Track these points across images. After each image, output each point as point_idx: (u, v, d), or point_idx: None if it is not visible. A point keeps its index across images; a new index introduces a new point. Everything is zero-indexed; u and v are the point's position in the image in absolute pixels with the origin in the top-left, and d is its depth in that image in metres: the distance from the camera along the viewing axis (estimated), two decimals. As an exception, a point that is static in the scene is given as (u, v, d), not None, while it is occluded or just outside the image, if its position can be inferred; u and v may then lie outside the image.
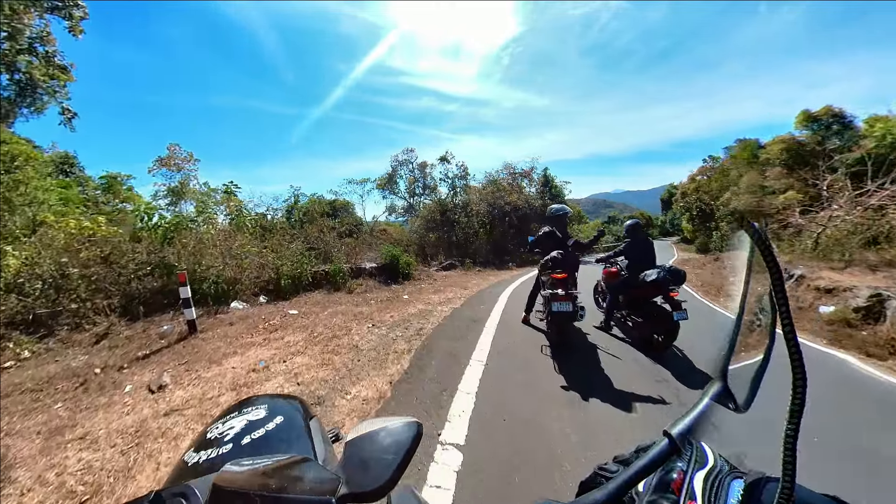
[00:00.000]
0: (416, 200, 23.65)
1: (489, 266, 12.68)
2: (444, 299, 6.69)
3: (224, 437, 0.80)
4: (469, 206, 14.69)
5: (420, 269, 9.95)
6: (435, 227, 14.74)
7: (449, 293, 7.30)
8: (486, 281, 9.42)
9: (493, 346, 3.88)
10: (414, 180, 22.66)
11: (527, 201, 16.01)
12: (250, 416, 0.87)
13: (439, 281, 9.19)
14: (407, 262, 9.06)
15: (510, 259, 14.41)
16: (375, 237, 19.31)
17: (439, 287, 8.15)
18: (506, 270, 12.25)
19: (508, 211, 15.21)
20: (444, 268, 11.16)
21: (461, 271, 11.25)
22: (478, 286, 8.44)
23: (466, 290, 7.87)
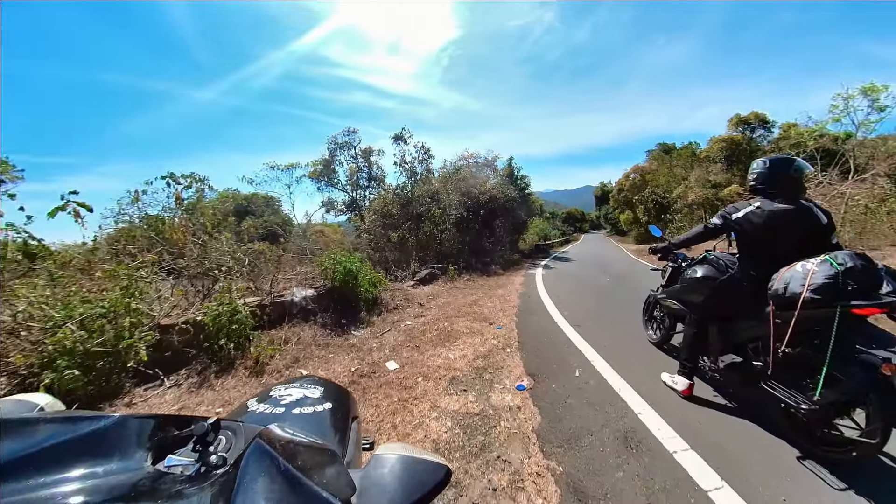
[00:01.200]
0: (359, 194, 19.38)
1: (473, 272, 9.44)
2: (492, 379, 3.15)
3: (281, 400, 0.90)
4: (439, 196, 11.22)
5: (390, 288, 6.28)
6: (394, 223, 11.01)
7: (474, 343, 3.86)
8: (499, 295, 6.21)
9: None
10: (357, 169, 18.35)
11: (502, 192, 13.13)
12: (307, 392, 0.95)
13: (428, 305, 5.68)
14: (372, 280, 5.36)
15: (490, 261, 11.37)
16: (311, 242, 14.73)
17: (439, 323, 4.64)
18: (497, 276, 9.17)
19: (484, 202, 12.14)
20: (422, 280, 7.62)
21: (445, 283, 7.82)
22: (503, 311, 5.17)
23: (493, 323, 4.56)
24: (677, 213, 19.14)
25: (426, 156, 11.95)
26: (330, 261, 4.99)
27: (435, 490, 0.48)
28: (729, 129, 20.56)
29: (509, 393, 2.75)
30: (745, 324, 2.21)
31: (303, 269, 5.42)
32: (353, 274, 4.92)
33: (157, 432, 0.59)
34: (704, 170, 19.54)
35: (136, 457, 0.53)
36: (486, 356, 3.53)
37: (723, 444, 2.00)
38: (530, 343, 3.91)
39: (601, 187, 52.78)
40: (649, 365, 3.04)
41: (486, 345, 3.84)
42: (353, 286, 4.89)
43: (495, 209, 12.91)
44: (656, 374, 2.81)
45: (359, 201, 19.51)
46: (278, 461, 0.42)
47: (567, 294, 6.70)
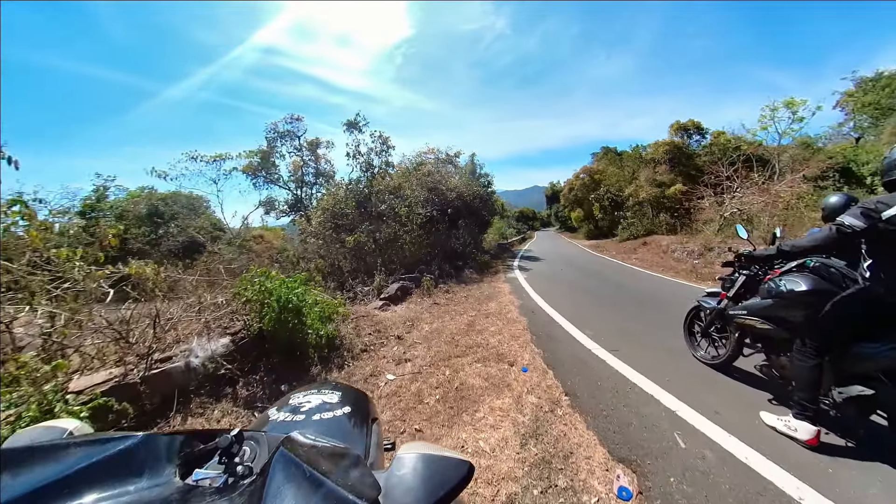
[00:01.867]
0: (305, 192, 16.82)
1: (448, 280, 8.01)
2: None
3: (301, 407, 0.92)
4: (402, 192, 9.59)
5: (351, 314, 4.60)
6: (348, 225, 9.17)
7: (504, 407, 2.39)
8: (495, 312, 4.76)
9: None
10: (302, 163, 15.85)
11: (470, 189, 11.90)
12: (325, 398, 0.97)
13: (410, 339, 4.11)
14: (325, 311, 3.70)
15: (463, 265, 10.06)
16: (246, 250, 12.08)
17: (437, 373, 3.08)
18: (477, 284, 7.81)
19: (452, 200, 10.77)
20: (392, 298, 5.99)
21: (422, 298, 6.26)
22: (514, 338, 3.67)
23: (513, 363, 3.05)
24: (628, 211, 19.97)
25: (385, 146, 10.22)
26: (254, 289, 3.19)
27: (459, 486, 0.48)
28: (670, 134, 21.96)
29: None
30: (887, 350, 1.80)
31: (219, 298, 3.51)
32: (295, 307, 3.20)
33: (184, 448, 0.59)
34: (652, 170, 20.46)
35: (164, 473, 0.53)
36: (536, 432, 2.19)
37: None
38: (581, 392, 2.70)
39: (551, 187, 55.13)
40: (736, 399, 2.54)
41: (523, 407, 2.47)
42: (295, 327, 3.16)
43: (461, 207, 11.65)
44: (752, 412, 2.31)
45: (304, 200, 16.91)
46: (303, 467, 0.43)
47: (569, 303, 5.75)
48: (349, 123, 10.32)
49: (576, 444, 2.11)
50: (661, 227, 17.29)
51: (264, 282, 3.20)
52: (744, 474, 1.80)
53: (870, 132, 17.05)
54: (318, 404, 0.93)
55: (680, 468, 1.85)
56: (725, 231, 12.68)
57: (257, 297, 3.15)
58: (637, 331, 4.18)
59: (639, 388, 2.74)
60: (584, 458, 1.98)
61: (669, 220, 17.32)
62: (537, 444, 2.09)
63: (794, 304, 2.17)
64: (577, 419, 2.35)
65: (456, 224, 11.59)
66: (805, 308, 2.11)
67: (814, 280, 2.14)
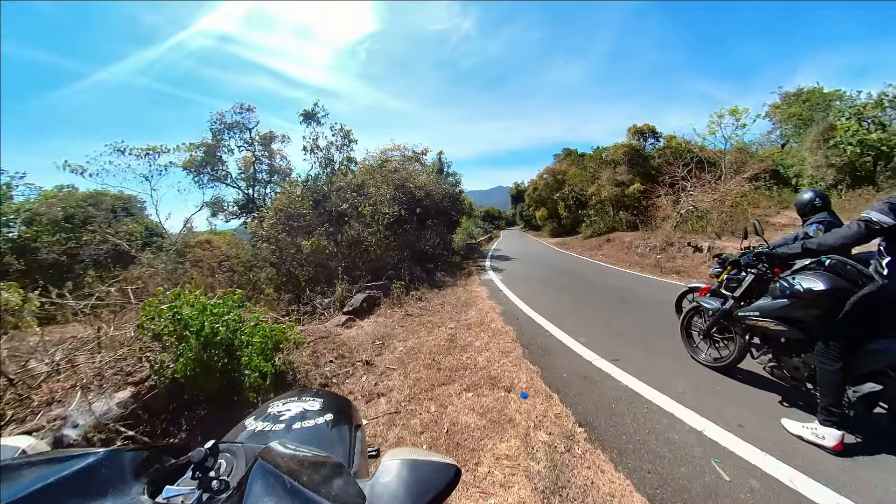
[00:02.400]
0: (258, 191, 15.28)
1: (420, 284, 7.41)
2: None
3: (280, 416, 0.86)
4: (366, 191, 8.82)
5: (307, 337, 3.89)
6: (305, 226, 8.26)
7: (511, 455, 1.85)
8: (476, 322, 4.23)
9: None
10: (253, 159, 14.34)
11: (438, 187, 11.38)
12: (306, 405, 0.91)
13: (381, 364, 3.45)
14: (270, 342, 2.96)
15: (435, 267, 9.52)
16: (183, 259, 10.52)
17: (420, 411, 2.48)
18: (451, 288, 7.29)
19: (421, 198, 10.18)
20: (357, 311, 5.28)
21: (392, 309, 5.61)
22: (505, 354, 3.13)
23: (510, 388, 2.51)
24: (591, 209, 20.70)
25: (346, 141, 9.38)
26: (164, 318, 2.37)
27: (445, 491, 0.47)
28: (628, 137, 23.13)
29: None
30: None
31: (129, 330, 2.65)
32: (224, 341, 2.45)
33: (153, 463, 0.56)
34: (612, 170, 21.33)
35: (132, 491, 0.50)
36: (557, 484, 1.76)
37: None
38: (597, 420, 2.30)
39: (516, 187, 56.33)
40: (751, 406, 2.39)
41: (534, 450, 1.98)
42: (226, 367, 2.42)
43: (430, 207, 11.12)
44: (772, 419, 2.19)
45: (257, 200, 15.34)
46: (283, 479, 0.41)
47: (552, 305, 5.45)
48: (306, 114, 9.37)
49: (608, 494, 1.68)
50: (623, 225, 18.00)
51: (179, 307, 2.40)
52: (795, 502, 1.60)
53: (794, 139, 19.03)
54: (298, 412, 0.89)
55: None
56: (682, 227, 13.44)
57: (170, 330, 2.35)
58: (629, 333, 3.99)
59: (656, 406, 2.42)
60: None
61: (630, 217, 18.09)
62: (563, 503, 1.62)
63: (812, 303, 2.07)
64: (601, 459, 1.92)
65: (425, 224, 11.04)
66: (823, 308, 2.02)
67: (831, 279, 2.04)
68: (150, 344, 2.54)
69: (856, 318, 1.88)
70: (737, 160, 16.60)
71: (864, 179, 13.82)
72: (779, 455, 1.88)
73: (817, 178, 14.96)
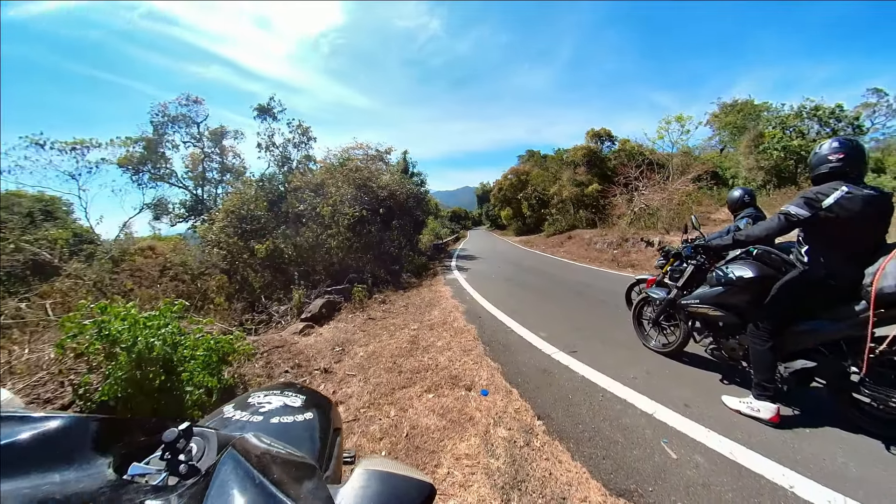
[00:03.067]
0: (208, 192, 14.21)
1: (384, 287, 7.25)
2: None
3: (260, 408, 0.84)
4: (325, 191, 8.49)
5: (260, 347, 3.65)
6: (259, 229, 7.81)
7: (471, 453, 1.84)
8: (439, 321, 4.20)
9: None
10: (202, 156, 13.31)
11: (403, 187, 11.24)
12: (288, 401, 0.89)
13: (340, 370, 3.31)
14: (215, 356, 2.72)
15: (400, 269, 9.37)
16: (125, 270, 9.47)
17: (381, 416, 2.40)
18: (416, 289, 7.19)
19: (384, 198, 9.98)
20: (316, 317, 5.06)
21: (354, 313, 5.43)
22: (466, 352, 3.12)
23: (470, 387, 2.50)
24: (553, 208, 21.56)
25: (305, 138, 8.98)
26: (89, 335, 2.09)
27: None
28: (587, 140, 24.40)
29: None
30: (827, 326, 2.00)
31: (48, 350, 2.31)
32: (161, 357, 2.22)
33: (123, 437, 0.54)
34: (572, 171, 22.33)
35: (96, 463, 0.48)
36: (516, 479, 1.77)
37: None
38: (555, 411, 2.34)
39: (482, 187, 57.24)
40: (696, 386, 2.59)
41: (494, 447, 1.97)
42: (164, 385, 2.18)
43: (394, 207, 10.95)
44: (714, 397, 2.38)
45: (207, 201, 14.23)
46: (252, 473, 0.40)
47: (514, 301, 5.56)
48: (261, 109, 8.83)
49: (565, 484, 1.70)
50: (582, 222, 18.87)
51: (106, 321, 2.13)
52: (737, 474, 1.72)
53: (730, 145, 21.06)
54: (278, 406, 0.86)
55: (681, 487, 1.65)
56: (636, 224, 14.36)
57: (95, 348, 2.09)
58: (586, 325, 4.15)
59: (610, 394, 2.52)
60: (581, 502, 1.61)
61: (589, 215, 19.00)
62: (522, 498, 1.62)
63: (743, 290, 2.28)
64: (558, 449, 1.95)
65: (389, 225, 10.84)
66: (753, 293, 2.23)
67: (759, 267, 2.26)
68: (75, 365, 2.25)
69: (781, 302, 2.08)
70: (682, 163, 18.04)
71: (787, 180, 15.57)
72: (720, 430, 2.02)
73: (750, 179, 16.61)
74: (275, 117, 8.68)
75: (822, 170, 1.94)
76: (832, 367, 1.99)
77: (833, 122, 16.12)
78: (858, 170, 1.90)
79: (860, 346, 1.84)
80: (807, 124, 16.30)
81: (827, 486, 1.60)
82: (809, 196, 1.88)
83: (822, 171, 1.94)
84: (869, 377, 1.87)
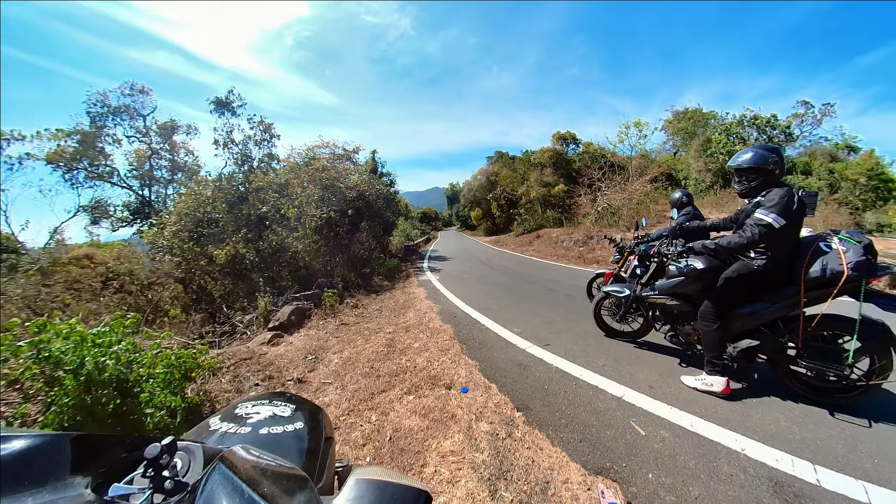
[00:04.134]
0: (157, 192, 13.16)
1: (356, 291, 7.14)
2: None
3: (248, 418, 0.82)
4: (290, 191, 8.20)
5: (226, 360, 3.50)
6: (217, 233, 7.39)
7: (457, 450, 1.92)
8: (414, 323, 4.21)
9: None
10: (149, 153, 12.31)
11: (372, 188, 11.09)
12: (277, 410, 0.88)
13: (315, 379, 3.26)
14: (177, 373, 2.57)
15: (371, 272, 9.25)
16: (58, 282, 8.54)
17: (362, 422, 2.41)
18: (389, 291, 7.14)
19: (353, 199, 9.79)
20: (285, 325, 4.89)
21: (325, 319, 5.31)
22: (443, 352, 3.19)
23: (450, 385, 2.58)
24: (522, 208, 22.28)
25: (267, 135, 8.60)
26: (24, 360, 1.91)
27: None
28: (553, 142, 25.40)
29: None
30: (766, 308, 2.26)
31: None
32: (115, 378, 2.07)
33: (102, 455, 0.51)
34: (539, 172, 23.15)
35: (73, 483, 0.45)
36: (501, 469, 1.85)
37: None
38: (533, 402, 2.48)
39: (452, 188, 57.58)
40: (658, 369, 2.87)
41: (477, 441, 2.05)
42: (121, 409, 2.04)
43: (363, 208, 10.77)
44: (674, 378, 2.67)
45: (155, 203, 13.16)
46: (241, 487, 0.39)
47: (488, 300, 5.74)
48: (219, 102, 8.33)
49: (547, 468, 1.81)
50: (550, 222, 19.61)
51: (45, 341, 1.94)
52: (697, 443, 1.93)
53: (682, 149, 22.87)
54: (267, 416, 0.84)
55: (651, 460, 1.84)
56: (600, 223, 15.19)
57: (32, 373, 1.91)
58: (557, 319, 4.38)
59: (583, 382, 2.71)
60: (563, 483, 1.71)
61: (556, 215, 19.81)
62: (509, 487, 1.70)
63: (696, 280, 2.59)
64: (539, 437, 2.06)
65: (358, 227, 10.65)
66: (704, 283, 2.55)
67: (709, 259, 2.57)
68: (5, 395, 2.03)
69: (728, 290, 2.37)
70: (640, 165, 19.32)
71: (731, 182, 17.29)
72: (681, 406, 2.27)
73: (700, 180, 18.09)
74: (234, 112, 8.24)
75: (766, 178, 2.19)
76: (772, 344, 2.30)
77: (769, 130, 18.06)
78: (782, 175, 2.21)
79: (795, 325, 2.15)
80: (747, 131, 18.14)
81: (774, 447, 1.85)
82: (782, 205, 2.06)
83: (763, 179, 2.19)
84: (803, 351, 2.18)
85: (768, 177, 2.19)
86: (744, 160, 2.23)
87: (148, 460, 0.47)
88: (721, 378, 2.35)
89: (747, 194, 2.29)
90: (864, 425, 2.00)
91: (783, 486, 1.61)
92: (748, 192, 2.28)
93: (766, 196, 2.16)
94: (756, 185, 2.23)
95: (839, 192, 16.09)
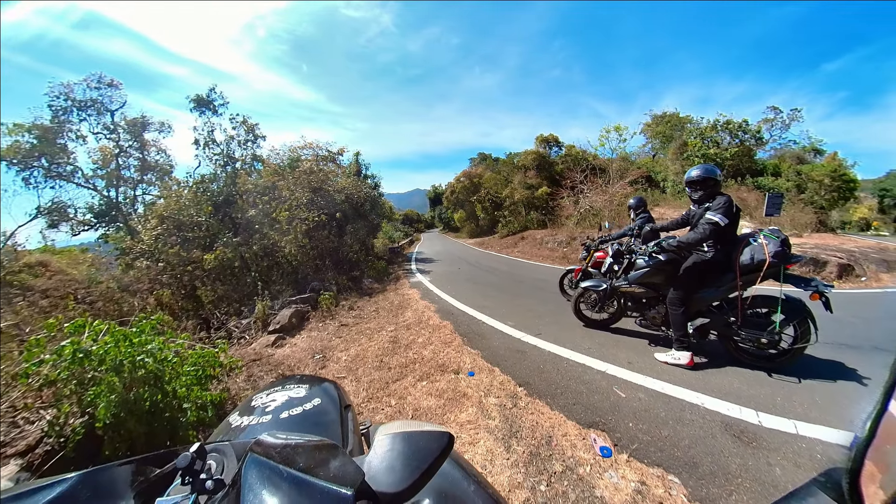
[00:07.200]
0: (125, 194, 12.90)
1: (349, 294, 7.46)
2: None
3: (266, 408, 0.88)
4: (278, 193, 8.43)
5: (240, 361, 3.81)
6: (202, 238, 7.54)
7: (478, 422, 2.42)
8: (413, 321, 4.68)
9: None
10: (117, 150, 12.09)
11: (359, 190, 11.41)
12: (291, 393, 0.94)
13: (330, 375, 3.62)
14: (202, 370, 2.91)
15: (361, 274, 9.56)
16: (12, 293, 8.29)
17: (386, 407, 2.86)
18: (383, 293, 7.50)
19: (341, 202, 10.09)
20: (284, 328, 5.19)
21: (325, 321, 5.63)
22: (447, 344, 3.68)
23: (457, 371, 3.08)
24: (506, 210, 23.06)
25: (251, 136, 8.79)
26: (65, 360, 2.09)
27: (440, 458, 0.49)
28: (536, 144, 26.38)
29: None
30: (714, 291, 2.91)
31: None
32: (153, 374, 2.31)
33: (136, 477, 0.55)
34: (523, 175, 24.00)
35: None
36: (512, 430, 2.30)
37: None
38: (532, 379, 3.00)
39: (434, 190, 57.93)
40: (633, 349, 3.48)
41: (489, 411, 2.51)
42: (158, 405, 2.27)
43: (349, 211, 11.08)
44: (647, 355, 3.27)
45: (123, 205, 12.87)
46: (278, 468, 0.42)
47: (481, 298, 6.25)
48: (199, 101, 8.43)
49: (549, 427, 2.29)
50: (534, 223, 20.42)
51: (84, 343, 2.16)
52: (667, 401, 2.50)
53: (660, 152, 24.35)
54: (284, 401, 0.90)
55: (631, 414, 2.38)
56: (582, 224, 16.08)
57: (68, 375, 2.11)
58: (546, 313, 4.96)
59: (572, 361, 3.26)
60: (563, 436, 2.18)
61: (540, 216, 20.65)
62: (520, 442, 2.16)
63: (659, 271, 3.20)
64: (540, 405, 2.54)
65: (344, 230, 10.93)
66: (666, 273, 3.16)
67: (668, 254, 3.17)
68: (37, 398, 2.20)
69: (688, 278, 2.95)
70: (621, 167, 20.48)
71: (706, 183, 18.67)
72: (654, 376, 2.85)
73: (678, 182, 19.40)
74: (216, 111, 8.36)
75: (713, 187, 2.87)
76: (720, 320, 2.93)
77: (741, 135, 19.63)
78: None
79: (735, 304, 2.79)
80: (721, 135, 19.65)
81: (727, 401, 2.42)
82: (726, 208, 2.70)
83: (711, 190, 2.87)
84: (742, 324, 2.81)
85: (715, 186, 2.86)
86: (696, 174, 2.90)
87: (182, 469, 0.51)
88: (687, 353, 2.94)
89: (701, 200, 2.92)
90: (795, 382, 2.62)
91: (731, 427, 2.16)
92: (701, 199, 2.91)
93: (713, 202, 2.79)
94: (706, 193, 2.87)
95: (806, 192, 17.74)
